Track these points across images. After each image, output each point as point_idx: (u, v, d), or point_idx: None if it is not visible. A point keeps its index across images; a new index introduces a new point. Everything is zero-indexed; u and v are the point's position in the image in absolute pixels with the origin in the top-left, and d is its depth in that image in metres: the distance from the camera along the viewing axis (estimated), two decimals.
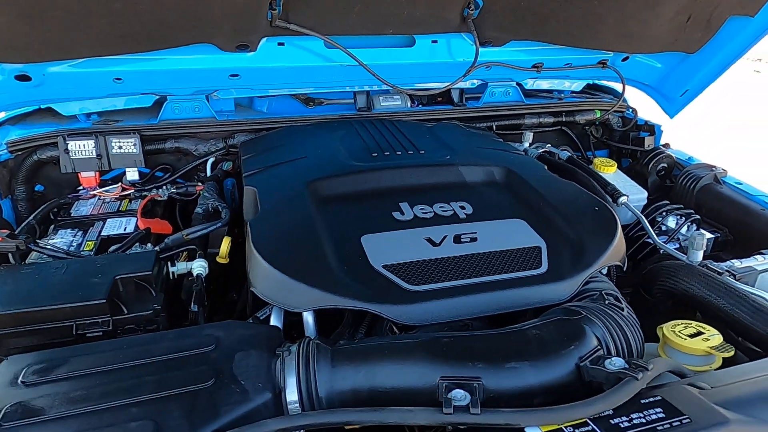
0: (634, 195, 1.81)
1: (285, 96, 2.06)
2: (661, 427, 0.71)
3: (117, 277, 1.08)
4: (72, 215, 1.53)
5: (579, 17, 1.69)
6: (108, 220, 1.49)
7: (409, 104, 2.09)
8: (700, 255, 1.30)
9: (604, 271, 1.24)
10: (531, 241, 1.19)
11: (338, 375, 0.84)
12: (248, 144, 1.72)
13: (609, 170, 1.91)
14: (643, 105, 2.28)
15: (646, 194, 1.83)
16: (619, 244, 1.21)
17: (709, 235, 1.34)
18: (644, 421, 0.72)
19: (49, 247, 1.27)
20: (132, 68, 1.57)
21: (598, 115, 2.17)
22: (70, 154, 1.60)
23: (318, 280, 1.02)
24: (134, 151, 1.67)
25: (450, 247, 1.16)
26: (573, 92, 2.27)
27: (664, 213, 1.71)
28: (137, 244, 1.35)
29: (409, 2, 1.59)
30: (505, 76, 2.04)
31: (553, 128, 2.16)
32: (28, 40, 1.33)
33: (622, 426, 0.71)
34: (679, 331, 1.03)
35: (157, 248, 1.25)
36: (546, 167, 1.59)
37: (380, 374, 0.83)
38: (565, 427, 0.71)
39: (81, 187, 1.68)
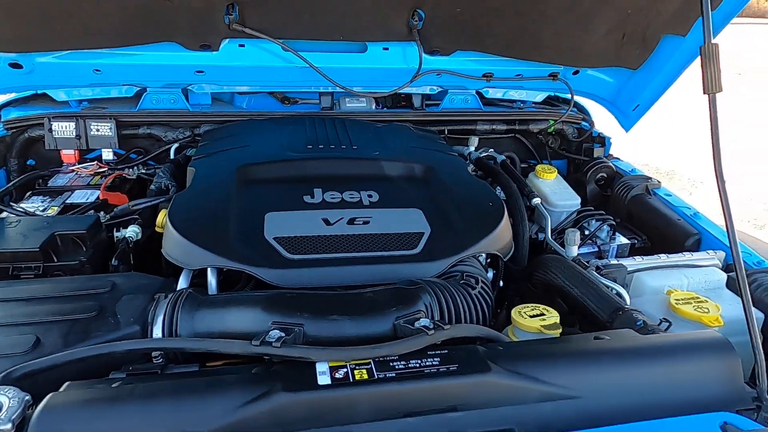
0: (566, 201, 1.91)
1: (263, 94, 2.28)
2: (427, 371, 0.84)
3: (56, 233, 1.29)
4: (48, 185, 1.77)
5: (514, 31, 1.82)
6: (76, 191, 1.72)
7: (373, 106, 2.26)
8: (574, 250, 1.41)
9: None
10: (418, 228, 1.33)
11: (198, 318, 1.01)
12: (209, 132, 1.93)
13: (549, 176, 2.01)
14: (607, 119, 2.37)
15: (578, 200, 1.92)
16: (498, 236, 1.33)
17: (578, 233, 1.44)
18: (417, 365, 0.85)
19: (15, 207, 1.50)
20: (109, 61, 1.80)
21: (552, 125, 2.27)
22: (54, 133, 1.85)
23: (211, 244, 1.19)
24: (110, 134, 1.90)
25: (342, 227, 1.32)
26: (534, 103, 2.38)
27: (588, 219, 1.80)
28: (92, 211, 1.56)
29: (355, 13, 1.77)
30: (462, 84, 2.18)
31: (507, 135, 2.27)
32: (14, 34, 1.58)
33: (396, 366, 0.85)
34: (524, 312, 1.15)
35: (99, 214, 1.46)
36: (471, 168, 1.72)
37: (229, 319, 1.00)
38: (350, 364, 0.85)
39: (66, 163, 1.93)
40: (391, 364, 0.85)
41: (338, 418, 0.78)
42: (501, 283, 1.49)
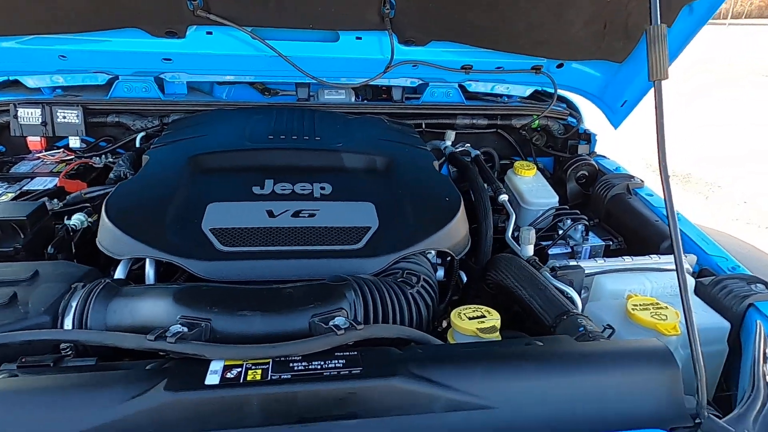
0: (543, 199, 1.82)
1: (243, 85, 2.24)
2: (327, 373, 0.78)
3: None
4: (10, 172, 1.75)
5: (488, 21, 1.74)
6: (36, 178, 1.70)
7: (352, 98, 2.20)
8: (528, 249, 1.33)
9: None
10: (365, 222, 1.27)
11: (110, 310, 0.97)
12: (175, 122, 1.89)
13: (527, 173, 1.93)
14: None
15: (556, 199, 1.84)
16: (449, 233, 1.27)
17: (533, 231, 1.36)
18: (319, 367, 0.79)
19: None
20: (75, 47, 1.78)
21: (537, 121, 2.19)
22: (19, 120, 1.83)
23: (141, 234, 1.15)
24: (77, 121, 1.88)
25: (285, 220, 1.26)
26: (521, 98, 2.29)
27: (563, 218, 1.72)
28: (46, 198, 1.54)
29: (324, 0, 1.71)
30: (441, 76, 2.10)
31: (488, 131, 2.19)
32: None
33: (296, 368, 0.79)
34: (463, 314, 1.08)
35: (53, 201, 1.43)
36: (436, 162, 1.65)
37: (140, 312, 0.95)
38: (247, 363, 0.80)
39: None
40: (290, 365, 0.80)
41: (224, 421, 0.73)
42: (463, 282, 1.42)
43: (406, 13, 1.76)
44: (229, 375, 0.77)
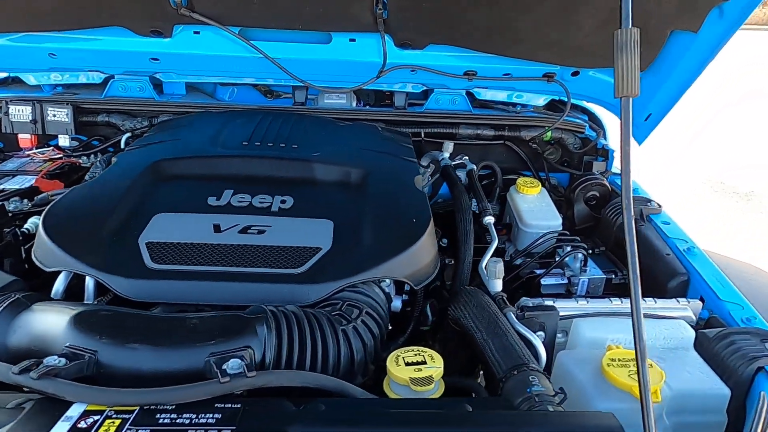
0: (542, 221, 1.64)
1: (247, 87, 2.18)
2: (193, 429, 0.67)
3: None
4: None
5: (489, 23, 1.58)
6: (17, 176, 1.69)
7: (354, 104, 2.09)
8: (496, 284, 1.16)
9: None
10: (317, 242, 1.15)
11: (13, 327, 0.90)
12: (160, 123, 1.84)
13: (531, 191, 1.75)
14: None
15: (558, 221, 1.65)
16: (407, 260, 1.13)
17: (501, 263, 1.19)
18: (187, 422, 0.68)
19: None
20: (64, 45, 1.76)
21: (549, 133, 2.00)
22: (10, 117, 1.83)
23: (72, 246, 1.08)
24: (66, 120, 1.86)
25: (231, 236, 1.16)
26: (535, 107, 2.10)
27: (563, 244, 1.54)
28: (17, 198, 1.51)
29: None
30: (443, 82, 1.95)
31: (495, 142, 2.02)
32: None
33: (161, 420, 0.68)
34: (403, 358, 0.94)
35: (10, 201, 1.40)
36: (420, 177, 1.50)
37: (37, 334, 0.87)
38: (111, 410, 0.70)
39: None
40: (157, 416, 0.69)
41: None
42: (429, 317, 1.28)
43: (400, 14, 1.63)
44: (81, 424, 0.67)
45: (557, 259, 1.52)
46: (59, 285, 1.09)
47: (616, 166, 2.04)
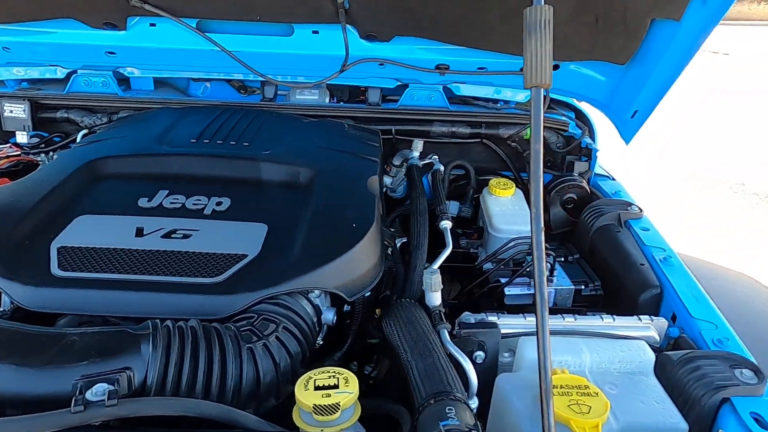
0: (512, 225, 1.53)
1: (221, 82, 2.10)
2: None
3: None
4: None
5: (452, 13, 1.47)
6: None
7: (327, 100, 1.99)
8: (434, 297, 1.05)
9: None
10: (244, 249, 1.06)
11: None
12: (117, 120, 1.77)
13: (503, 193, 1.64)
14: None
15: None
16: (337, 270, 1.03)
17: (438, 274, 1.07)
18: None
19: None
20: (17, 39, 1.70)
21: (529, 131, 1.87)
22: None
23: None
24: (23, 116, 1.80)
25: (153, 241, 1.08)
26: (518, 104, 1.98)
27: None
28: None
29: None
30: (417, 77, 1.85)
31: (472, 140, 1.90)
32: None
33: None
34: (316, 380, 0.84)
35: None
36: (375, 178, 1.40)
37: None
38: None
39: None
40: None
41: None
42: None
43: (363, 4, 1.53)
44: None
45: (525, 266, 1.41)
46: None
47: (601, 166, 1.91)
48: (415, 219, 1.32)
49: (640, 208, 1.51)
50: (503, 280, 1.40)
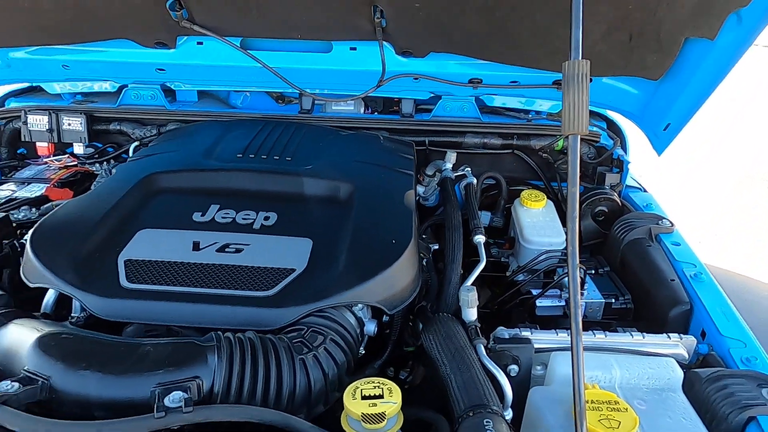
0: (544, 237, 1.57)
1: (261, 93, 2.19)
2: None
3: None
4: (14, 176, 1.83)
5: (485, 29, 1.52)
6: (31, 183, 1.76)
7: (362, 110, 2.07)
8: (471, 313, 1.10)
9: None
10: (292, 263, 1.14)
11: None
12: (165, 133, 1.87)
13: (535, 205, 1.68)
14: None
15: (563, 238, 1.58)
16: (379, 285, 1.10)
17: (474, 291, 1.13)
18: None
19: None
20: (76, 57, 1.82)
21: (561, 142, 1.90)
22: (29, 125, 1.91)
23: (52, 261, 1.11)
24: (80, 128, 1.93)
25: (209, 254, 1.17)
26: (549, 114, 2.01)
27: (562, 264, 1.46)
28: (27, 207, 1.58)
29: (309, 8, 1.59)
30: (449, 90, 1.90)
31: (503, 151, 1.94)
32: None
33: None
34: (362, 390, 0.92)
35: (16, 212, 1.47)
36: (411, 192, 1.46)
37: (1, 350, 0.90)
38: None
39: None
40: None
41: None
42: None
43: (399, 22, 1.59)
44: None
45: (556, 279, 1.45)
46: (47, 300, 1.13)
47: (633, 177, 1.93)
48: (450, 234, 1.38)
49: (671, 222, 1.53)
50: (535, 292, 1.44)
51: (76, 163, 1.93)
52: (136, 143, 1.91)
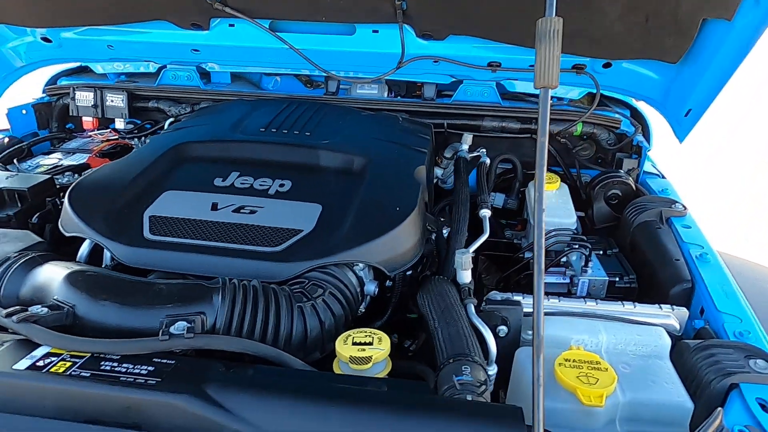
0: (556, 218, 1.59)
1: (290, 77, 2.29)
2: (124, 378, 0.76)
3: (2, 188, 1.45)
4: (62, 147, 1.99)
5: (502, 12, 1.55)
6: (76, 153, 1.91)
7: (385, 94, 2.13)
8: (465, 275, 1.14)
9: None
10: (301, 224, 1.22)
11: (26, 281, 1.05)
12: (199, 110, 1.99)
13: (548, 187, 1.70)
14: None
15: (572, 220, 1.59)
16: (380, 247, 1.16)
17: (469, 253, 1.15)
18: (124, 371, 0.77)
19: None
20: (119, 38, 1.96)
21: (579, 128, 1.91)
22: (76, 101, 2.07)
23: (88, 215, 1.22)
24: (122, 105, 2.07)
25: (225, 214, 1.26)
26: (571, 100, 2.02)
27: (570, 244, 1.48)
28: (70, 173, 1.73)
29: None
30: (470, 74, 1.93)
31: (522, 136, 1.96)
32: (36, 10, 1.79)
33: (103, 367, 0.78)
34: (353, 337, 0.98)
35: (63, 176, 1.61)
36: (422, 168, 1.51)
37: (37, 287, 1.02)
38: (67, 354, 0.81)
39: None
40: (101, 363, 0.79)
41: (17, 407, 0.75)
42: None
43: (419, 5, 1.64)
44: (40, 363, 0.79)
45: (573, 257, 1.47)
46: (82, 251, 1.24)
47: (654, 164, 1.91)
48: (456, 207, 1.42)
49: (684, 206, 1.52)
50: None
51: (117, 137, 2.08)
52: (172, 119, 2.04)
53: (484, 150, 1.83)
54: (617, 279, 1.40)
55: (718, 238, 1.51)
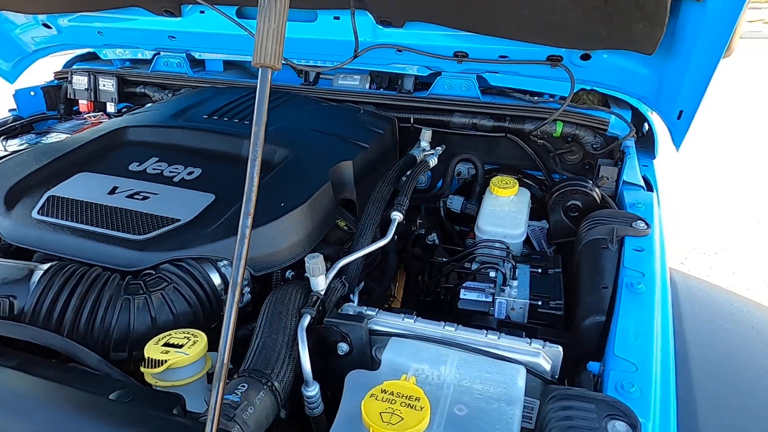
0: (501, 228, 1.42)
1: (286, 66, 2.27)
2: None
3: None
4: (55, 127, 2.12)
5: None
6: (55, 133, 2.02)
7: (367, 86, 2.03)
8: (315, 282, 1.00)
9: None
10: (182, 214, 1.17)
11: None
12: (175, 95, 2.01)
13: (503, 193, 1.52)
14: None
15: (520, 231, 1.41)
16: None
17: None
18: None
19: None
20: (107, 25, 2.03)
21: (559, 128, 1.68)
22: (73, 85, 2.19)
23: None
24: (111, 89, 2.16)
25: (119, 199, 1.25)
26: (562, 98, 1.79)
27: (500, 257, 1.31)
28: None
29: None
30: (439, 65, 1.78)
31: (496, 134, 1.77)
32: None
33: None
34: (175, 336, 0.92)
35: None
36: (349, 163, 1.40)
37: None
38: None
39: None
40: None
41: None
42: None
43: None
44: None
45: (491, 273, 1.30)
46: None
47: (647, 174, 1.64)
48: (367, 207, 1.30)
49: (647, 224, 1.28)
50: (467, 285, 1.31)
51: (107, 119, 2.17)
52: (150, 105, 2.08)
53: (439, 148, 1.67)
54: (539, 303, 1.20)
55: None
